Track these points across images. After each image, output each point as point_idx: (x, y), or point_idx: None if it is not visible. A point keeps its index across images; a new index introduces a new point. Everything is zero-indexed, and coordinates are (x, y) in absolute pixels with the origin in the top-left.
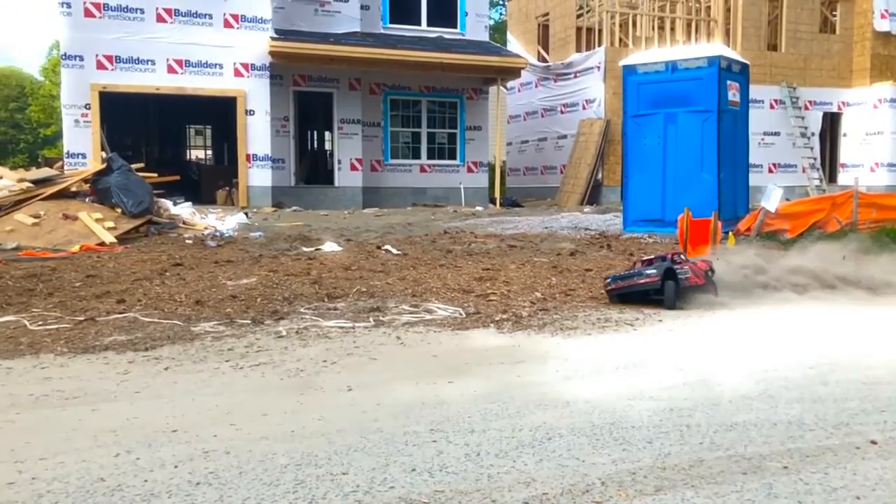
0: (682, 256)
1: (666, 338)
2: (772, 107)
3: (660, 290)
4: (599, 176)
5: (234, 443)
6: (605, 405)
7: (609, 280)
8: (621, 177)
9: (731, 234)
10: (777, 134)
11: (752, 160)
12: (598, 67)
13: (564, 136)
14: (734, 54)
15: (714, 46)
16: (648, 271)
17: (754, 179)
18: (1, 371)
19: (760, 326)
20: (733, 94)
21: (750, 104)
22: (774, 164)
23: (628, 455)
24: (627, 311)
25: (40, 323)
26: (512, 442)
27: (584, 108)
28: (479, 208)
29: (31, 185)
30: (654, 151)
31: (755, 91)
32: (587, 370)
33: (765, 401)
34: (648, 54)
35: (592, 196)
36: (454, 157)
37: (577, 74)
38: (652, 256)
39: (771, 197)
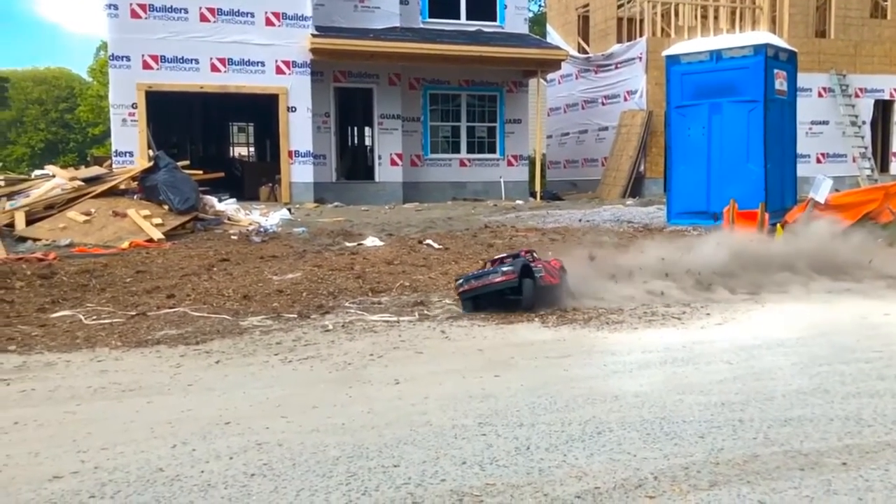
0: (535, 255)
1: (714, 332)
2: (820, 95)
3: (517, 289)
4: (642, 168)
5: (286, 435)
6: (655, 399)
7: (461, 281)
8: (664, 169)
9: (778, 225)
10: (826, 123)
11: (799, 150)
12: (640, 58)
13: (605, 128)
14: (781, 42)
15: (760, 34)
16: (504, 269)
17: (802, 170)
18: (60, 364)
19: (803, 321)
20: (780, 83)
21: (798, 93)
22: (823, 154)
23: (680, 450)
24: (674, 306)
25: (94, 317)
26: (562, 436)
27: (625, 99)
28: (519, 202)
29: (82, 183)
30: (698, 142)
31: (803, 79)
32: (634, 364)
33: (820, 395)
34: (692, 44)
35: (634, 188)
36: (494, 151)
37: (619, 65)
38: (503, 255)
39: (820, 188)
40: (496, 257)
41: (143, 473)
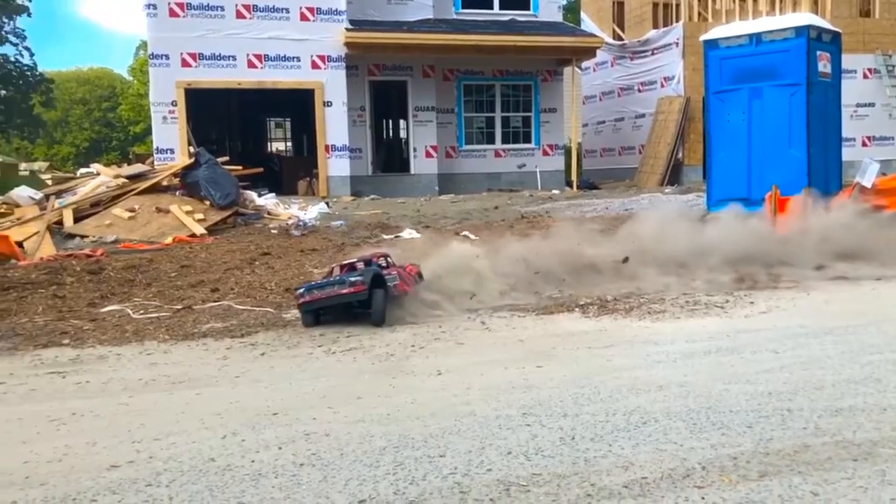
0: (390, 260)
1: (759, 320)
2: (865, 77)
3: (367, 301)
4: (680, 155)
5: (333, 425)
6: (700, 389)
7: (301, 290)
8: (703, 155)
9: (822, 212)
10: (871, 105)
11: (844, 134)
12: (677, 43)
13: (642, 116)
14: (824, 23)
15: (802, 15)
16: (353, 278)
17: (847, 154)
18: (112, 357)
19: (851, 309)
20: (823, 65)
21: (842, 75)
22: (868, 138)
23: (728, 440)
24: (716, 294)
25: (142, 311)
26: (606, 426)
27: (662, 85)
28: (555, 192)
29: (126, 180)
30: (738, 128)
31: (847, 60)
32: (678, 354)
33: (872, 385)
34: (730, 28)
35: (673, 176)
36: (529, 141)
37: (655, 52)
38: (353, 260)
39: (867, 172)
40: (345, 262)
41: (196, 463)
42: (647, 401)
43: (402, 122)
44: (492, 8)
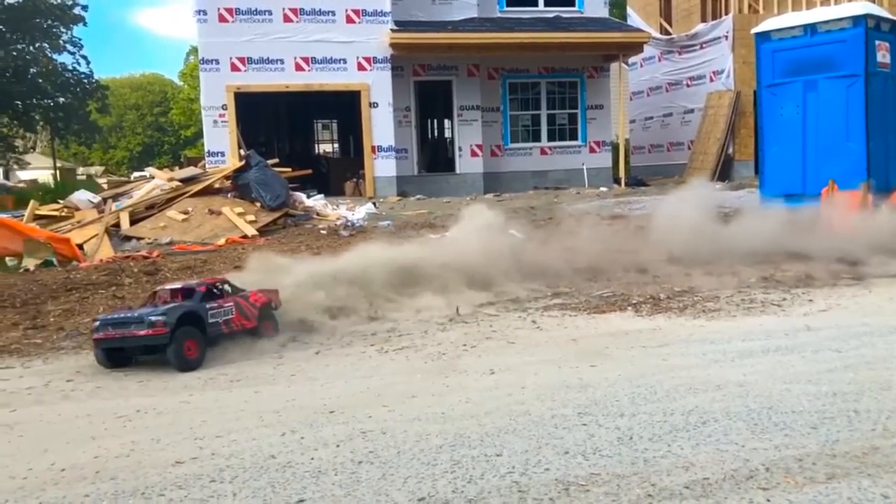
0: (228, 287)
1: (819, 318)
2: None
3: (170, 345)
4: (730, 150)
5: (389, 424)
6: (760, 389)
7: (97, 323)
8: (755, 150)
9: (883, 207)
10: None
11: None
12: (726, 37)
13: (691, 111)
14: (883, 11)
15: (859, 4)
16: (154, 317)
17: None
18: None
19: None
20: (883, 56)
21: None
22: None
23: (792, 441)
24: (773, 292)
25: None
26: (664, 426)
27: (711, 80)
28: (603, 189)
29: (179, 183)
30: (792, 122)
31: None
32: (735, 353)
33: None
34: (783, 19)
35: (723, 172)
36: (575, 138)
37: (703, 45)
38: (180, 285)
39: None
40: (162, 288)
41: (257, 460)
42: (706, 400)
43: (446, 122)
44: (536, 5)
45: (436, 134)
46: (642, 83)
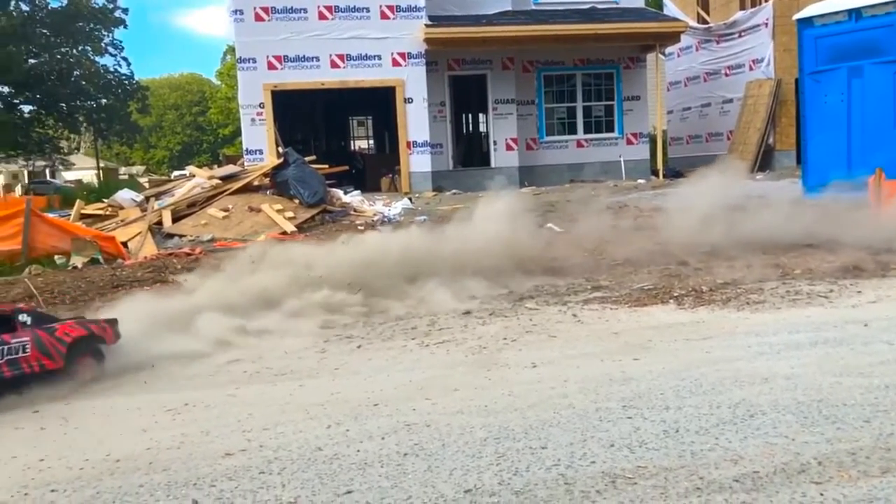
0: (27, 317)
1: (868, 310)
2: None
3: None
4: (771, 140)
5: (432, 416)
6: (809, 382)
7: None
8: (797, 139)
9: None
10: None
11: None
12: (766, 24)
13: (730, 101)
14: None
15: None
16: None
17: None
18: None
19: None
20: None
21: None
22: None
23: (844, 434)
24: (819, 283)
25: None
26: (711, 419)
27: (750, 68)
28: (640, 181)
29: (219, 181)
30: (836, 109)
31: None
32: (782, 345)
33: None
34: (826, 4)
35: (764, 162)
36: (612, 130)
37: (742, 33)
38: None
39: None
40: None
41: (304, 452)
42: (753, 393)
43: (481, 116)
44: None
45: (470, 128)
46: (680, 73)
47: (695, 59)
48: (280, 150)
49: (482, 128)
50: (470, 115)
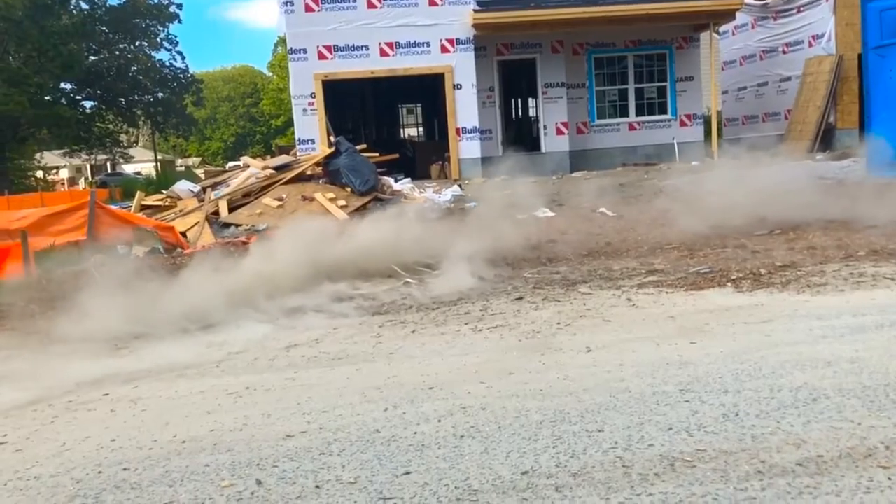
0: None
1: None
2: None
3: None
4: (831, 119)
5: (487, 399)
6: (875, 366)
7: None
8: (860, 118)
9: None
10: None
11: None
12: None
13: (788, 79)
14: None
15: None
16: None
17: None
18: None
19: None
20: None
21: None
22: None
23: None
24: (884, 265)
25: None
26: (772, 403)
27: (810, 45)
28: (695, 163)
29: (273, 171)
30: None
31: None
32: (846, 328)
33: None
34: None
35: (824, 141)
36: (665, 112)
37: (801, 9)
38: None
39: None
40: None
41: (363, 434)
42: (815, 377)
43: (531, 101)
44: None
45: (520, 113)
46: (735, 52)
47: (751, 37)
48: (331, 139)
49: (532, 112)
50: (519, 100)
